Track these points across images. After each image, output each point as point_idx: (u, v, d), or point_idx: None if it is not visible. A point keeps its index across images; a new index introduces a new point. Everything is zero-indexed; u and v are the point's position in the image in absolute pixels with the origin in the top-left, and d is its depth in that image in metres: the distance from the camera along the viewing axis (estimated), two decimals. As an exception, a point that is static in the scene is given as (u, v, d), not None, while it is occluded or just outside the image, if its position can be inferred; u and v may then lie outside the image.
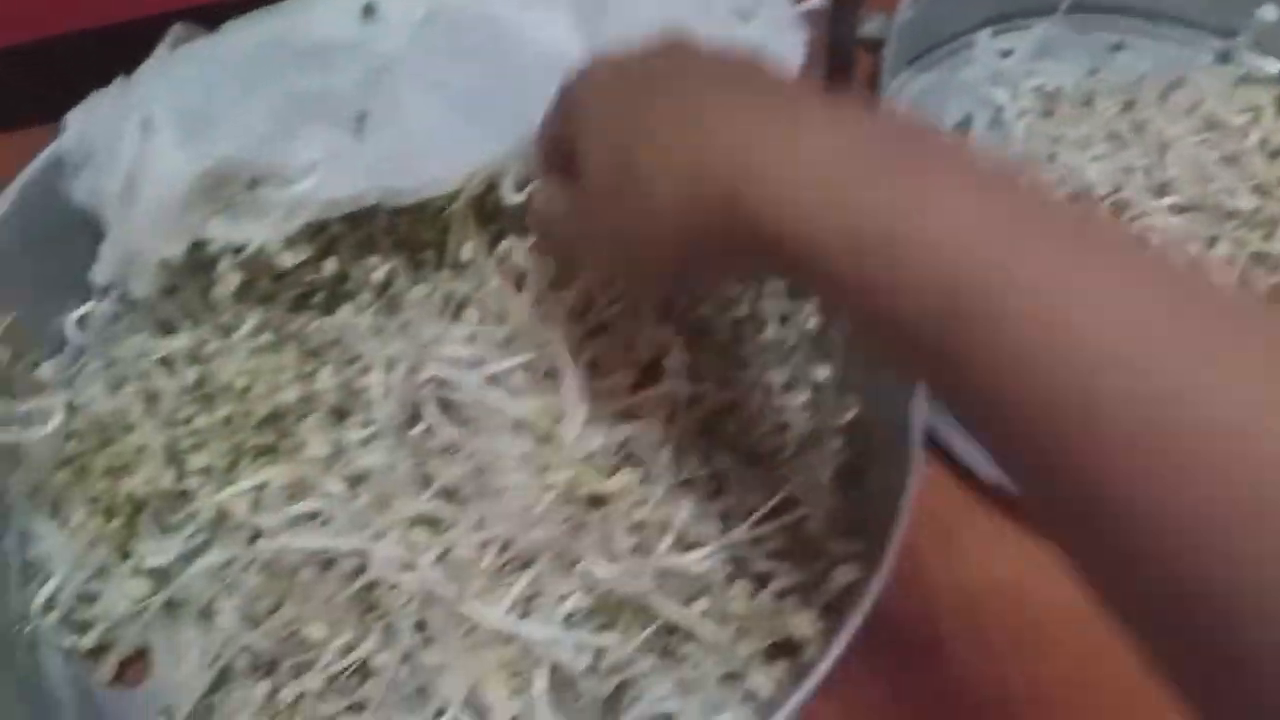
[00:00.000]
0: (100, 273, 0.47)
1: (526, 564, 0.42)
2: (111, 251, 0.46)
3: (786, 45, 0.49)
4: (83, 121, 0.47)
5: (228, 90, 0.47)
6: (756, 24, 0.49)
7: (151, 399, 0.50)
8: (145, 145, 0.45)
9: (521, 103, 0.43)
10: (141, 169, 0.45)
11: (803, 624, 0.40)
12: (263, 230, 0.46)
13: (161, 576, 0.46)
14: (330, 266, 0.50)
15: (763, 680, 0.41)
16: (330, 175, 0.46)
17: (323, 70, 0.48)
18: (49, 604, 0.46)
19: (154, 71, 0.48)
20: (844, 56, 0.56)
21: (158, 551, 0.46)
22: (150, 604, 0.45)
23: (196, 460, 0.47)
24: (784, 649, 0.42)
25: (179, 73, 0.48)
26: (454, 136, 0.45)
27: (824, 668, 0.35)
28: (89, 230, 0.50)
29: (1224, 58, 0.70)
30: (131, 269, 0.46)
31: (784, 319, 0.51)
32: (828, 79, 0.58)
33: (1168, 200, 0.56)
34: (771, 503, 0.44)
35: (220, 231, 0.46)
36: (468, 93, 0.46)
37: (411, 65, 0.47)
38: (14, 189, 0.49)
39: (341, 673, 0.41)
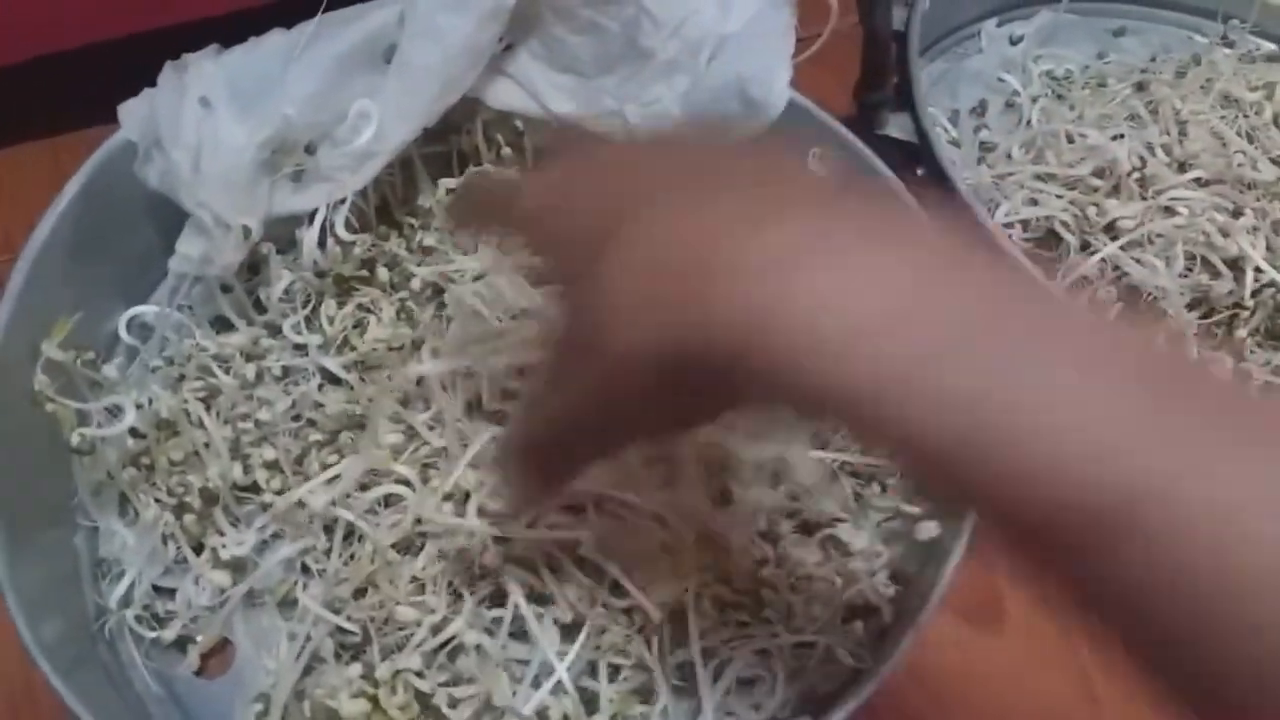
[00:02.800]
0: (184, 245, 0.47)
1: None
2: (194, 226, 0.46)
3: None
4: (143, 108, 0.47)
5: (277, 63, 0.48)
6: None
7: (211, 395, 0.50)
8: (205, 122, 0.45)
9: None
10: (205, 145, 0.45)
11: (880, 585, 0.41)
12: (326, 194, 0.47)
13: (239, 567, 0.47)
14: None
15: (839, 642, 0.42)
16: (385, 122, 0.47)
17: (361, 18, 0.49)
18: (125, 599, 0.46)
19: (203, 57, 0.48)
20: (881, 48, 0.57)
21: (234, 543, 0.46)
22: (231, 595, 0.46)
23: (261, 454, 0.48)
24: (857, 613, 0.44)
25: (229, 56, 0.49)
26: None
27: (924, 618, 0.37)
28: (140, 229, 0.51)
29: (1224, 39, 0.72)
30: (214, 244, 0.46)
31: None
32: (864, 70, 0.59)
33: (1190, 175, 0.58)
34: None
35: (288, 204, 0.47)
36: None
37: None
38: (74, 185, 0.48)
39: (437, 650, 0.42)
